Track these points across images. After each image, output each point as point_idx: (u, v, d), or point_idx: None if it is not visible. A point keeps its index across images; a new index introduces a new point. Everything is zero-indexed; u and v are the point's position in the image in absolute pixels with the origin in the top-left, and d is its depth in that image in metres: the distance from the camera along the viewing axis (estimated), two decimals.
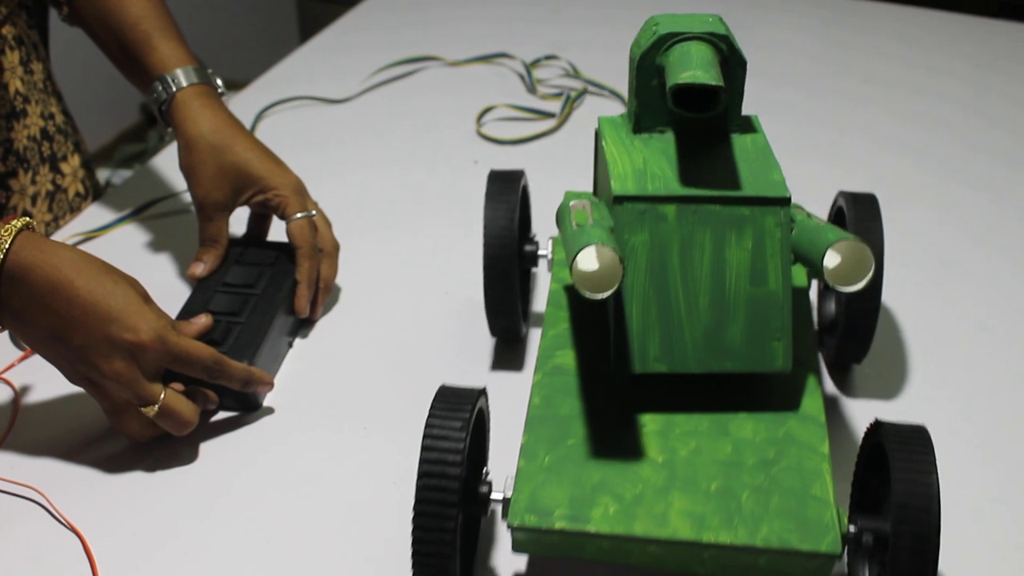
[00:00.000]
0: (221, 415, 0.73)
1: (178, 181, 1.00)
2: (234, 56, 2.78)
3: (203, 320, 0.73)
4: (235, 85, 2.63)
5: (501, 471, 0.63)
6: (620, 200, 0.61)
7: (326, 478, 0.68)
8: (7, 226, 0.65)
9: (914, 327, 0.82)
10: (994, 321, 0.83)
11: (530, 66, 1.24)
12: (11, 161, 0.92)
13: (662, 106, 0.65)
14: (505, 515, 0.57)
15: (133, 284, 0.68)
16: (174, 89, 0.82)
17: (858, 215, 0.73)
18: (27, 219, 0.66)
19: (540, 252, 0.77)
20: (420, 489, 0.54)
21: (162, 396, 0.67)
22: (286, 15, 2.92)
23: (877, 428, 0.57)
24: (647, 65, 0.63)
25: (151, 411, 0.66)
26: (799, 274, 0.74)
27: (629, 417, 0.62)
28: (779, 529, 0.55)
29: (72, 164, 1.00)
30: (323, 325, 0.82)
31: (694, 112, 0.63)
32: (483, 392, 0.59)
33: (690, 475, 0.58)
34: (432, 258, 0.90)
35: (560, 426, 0.61)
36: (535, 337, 0.81)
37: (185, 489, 0.67)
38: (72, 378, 0.68)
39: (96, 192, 1.04)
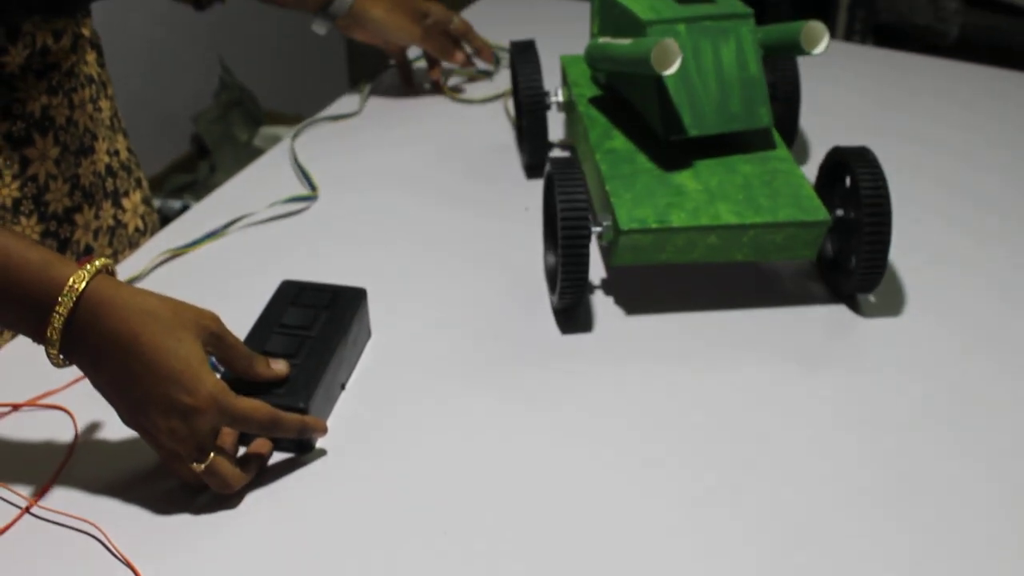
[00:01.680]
0: (275, 456, 0.74)
1: (246, 206, 1.01)
2: (287, 91, 2.82)
3: (282, 368, 0.74)
4: (289, 120, 2.64)
5: None
6: (650, 23, 0.89)
7: (377, 523, 0.69)
8: (82, 270, 0.65)
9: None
10: None
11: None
12: (77, 196, 0.94)
13: None
14: (602, 239, 0.86)
15: (205, 325, 0.69)
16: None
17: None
18: (108, 261, 0.67)
19: (552, 99, 1.07)
20: (564, 210, 0.81)
21: (211, 457, 0.68)
22: (336, 57, 3.01)
23: (836, 150, 0.88)
24: None
25: (199, 468, 0.67)
26: None
27: (672, 166, 0.91)
28: (790, 212, 0.86)
29: (133, 200, 1.02)
30: (373, 369, 0.83)
31: None
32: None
33: (723, 193, 0.88)
34: (474, 301, 0.91)
35: (627, 180, 0.89)
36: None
37: (240, 529, 0.68)
38: (128, 423, 0.69)
39: (154, 226, 1.06)
